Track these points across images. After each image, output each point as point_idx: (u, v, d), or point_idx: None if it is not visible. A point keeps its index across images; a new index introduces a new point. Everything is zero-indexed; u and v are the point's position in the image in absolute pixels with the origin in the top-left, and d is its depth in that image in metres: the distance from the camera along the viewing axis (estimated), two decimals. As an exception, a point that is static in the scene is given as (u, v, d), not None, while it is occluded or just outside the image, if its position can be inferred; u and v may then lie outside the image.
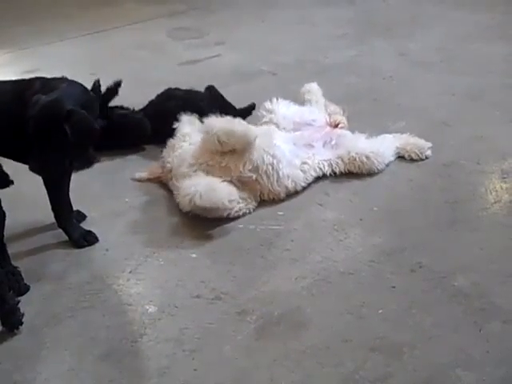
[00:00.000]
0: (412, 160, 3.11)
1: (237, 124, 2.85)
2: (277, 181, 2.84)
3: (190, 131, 3.06)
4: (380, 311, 2.20)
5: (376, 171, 3.01)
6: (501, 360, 1.98)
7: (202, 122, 3.02)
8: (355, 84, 4.04)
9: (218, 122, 2.85)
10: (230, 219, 2.76)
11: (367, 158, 2.98)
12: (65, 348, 2.15)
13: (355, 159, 2.97)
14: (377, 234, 2.61)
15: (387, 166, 3.06)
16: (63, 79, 2.52)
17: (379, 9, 5.60)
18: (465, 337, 2.07)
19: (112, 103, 3.43)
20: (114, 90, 3.36)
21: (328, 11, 5.57)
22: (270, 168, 2.82)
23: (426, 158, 3.10)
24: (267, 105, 3.21)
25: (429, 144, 3.13)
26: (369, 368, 1.98)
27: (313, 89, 3.47)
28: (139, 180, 3.14)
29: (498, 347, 2.02)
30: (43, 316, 2.30)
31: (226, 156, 2.81)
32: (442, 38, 4.76)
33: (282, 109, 3.19)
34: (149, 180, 3.13)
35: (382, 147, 3.05)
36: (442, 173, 3.00)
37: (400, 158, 3.14)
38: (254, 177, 2.81)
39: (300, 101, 3.38)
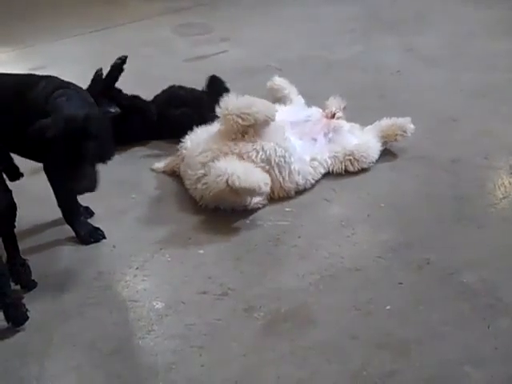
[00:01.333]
0: (419, 156, 3.10)
1: (256, 98, 2.88)
2: (288, 176, 2.84)
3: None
4: (387, 308, 2.20)
5: (372, 165, 3.03)
6: (509, 357, 1.98)
7: None
8: (361, 80, 4.02)
9: (236, 99, 2.86)
10: (237, 215, 2.75)
11: (364, 152, 3.00)
12: (72, 344, 2.16)
13: (352, 157, 2.99)
14: (384, 230, 2.60)
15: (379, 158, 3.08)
16: (68, 87, 2.47)
17: (385, 5, 5.58)
18: (473, 333, 2.07)
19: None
20: (118, 67, 3.30)
21: (334, 7, 5.55)
22: (282, 160, 2.82)
23: (411, 133, 3.09)
24: None
25: (408, 118, 3.13)
26: (376, 365, 1.98)
27: (282, 84, 3.43)
28: (156, 171, 3.16)
29: (507, 344, 2.02)
30: (51, 312, 2.30)
31: (239, 143, 2.81)
32: (449, 33, 4.74)
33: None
34: (164, 172, 3.14)
35: (371, 140, 3.07)
36: (450, 168, 2.99)
37: (404, 152, 3.14)
38: (267, 168, 2.80)
39: (272, 100, 3.30)
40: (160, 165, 3.18)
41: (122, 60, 3.31)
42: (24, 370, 2.07)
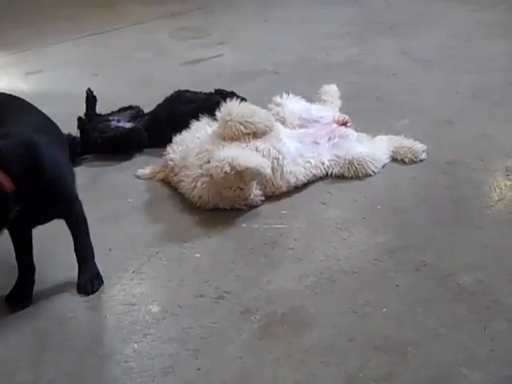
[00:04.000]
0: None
1: (257, 107, 2.95)
2: (280, 176, 2.86)
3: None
4: (384, 310, 2.20)
5: (371, 175, 3.00)
6: (506, 358, 1.97)
7: None
8: (358, 82, 4.03)
9: (238, 106, 2.90)
10: (233, 219, 2.75)
11: (364, 163, 2.98)
12: (68, 349, 2.15)
13: (351, 164, 2.98)
14: (380, 233, 2.60)
15: (383, 167, 3.05)
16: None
17: (381, 7, 5.60)
18: (469, 335, 2.06)
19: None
20: (91, 97, 3.35)
21: (330, 10, 5.57)
22: (276, 162, 2.84)
23: (421, 161, 3.07)
24: (277, 98, 3.25)
25: (423, 147, 3.10)
26: (373, 367, 1.98)
27: (331, 90, 3.48)
28: (141, 177, 3.14)
29: (503, 345, 2.01)
30: (46, 317, 2.29)
31: (233, 143, 2.82)
32: (445, 35, 4.75)
33: (291, 104, 3.22)
34: (151, 178, 3.12)
35: (378, 152, 3.06)
36: (446, 170, 2.99)
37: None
38: None
39: (317, 101, 3.39)
40: (144, 171, 3.15)
41: (90, 92, 3.38)
42: (20, 375, 2.06)
